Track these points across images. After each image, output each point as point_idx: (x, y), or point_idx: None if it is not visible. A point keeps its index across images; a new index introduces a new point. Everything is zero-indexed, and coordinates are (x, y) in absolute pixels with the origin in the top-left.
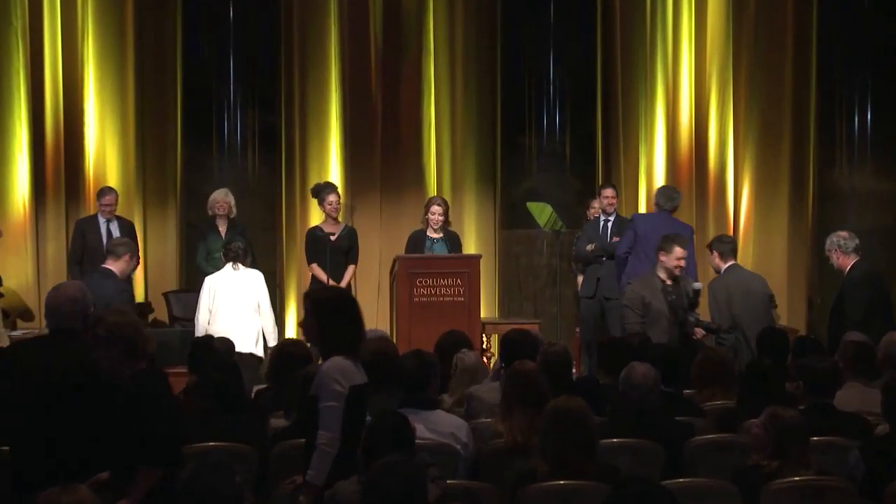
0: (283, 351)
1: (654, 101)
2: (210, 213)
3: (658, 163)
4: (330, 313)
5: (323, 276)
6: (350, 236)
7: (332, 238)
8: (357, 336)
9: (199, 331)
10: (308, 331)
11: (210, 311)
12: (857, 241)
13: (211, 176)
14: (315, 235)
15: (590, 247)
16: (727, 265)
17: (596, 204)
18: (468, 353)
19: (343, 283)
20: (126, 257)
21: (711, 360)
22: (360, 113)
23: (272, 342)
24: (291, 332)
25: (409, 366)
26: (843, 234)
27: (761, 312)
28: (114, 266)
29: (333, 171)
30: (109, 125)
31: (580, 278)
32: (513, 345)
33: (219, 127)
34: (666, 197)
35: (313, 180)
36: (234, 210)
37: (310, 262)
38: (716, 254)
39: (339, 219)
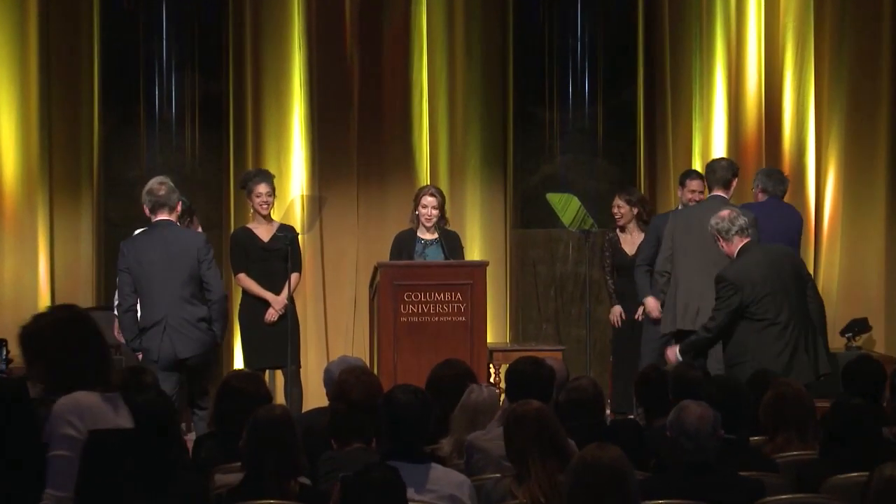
0: (230, 387)
1: (713, 62)
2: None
3: (717, 142)
4: (55, 339)
5: (255, 287)
6: (288, 238)
7: (264, 241)
8: (101, 362)
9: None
10: (33, 373)
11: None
12: None
13: (137, 159)
14: (238, 239)
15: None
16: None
17: (621, 202)
18: (482, 389)
19: (282, 296)
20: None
21: (786, 397)
22: (331, 78)
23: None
24: (238, 361)
25: (395, 406)
26: None
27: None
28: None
29: (296, 152)
30: (3, 91)
31: (616, 308)
32: (519, 378)
33: (147, 96)
34: (775, 180)
35: (270, 165)
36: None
37: (237, 272)
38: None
39: (278, 216)
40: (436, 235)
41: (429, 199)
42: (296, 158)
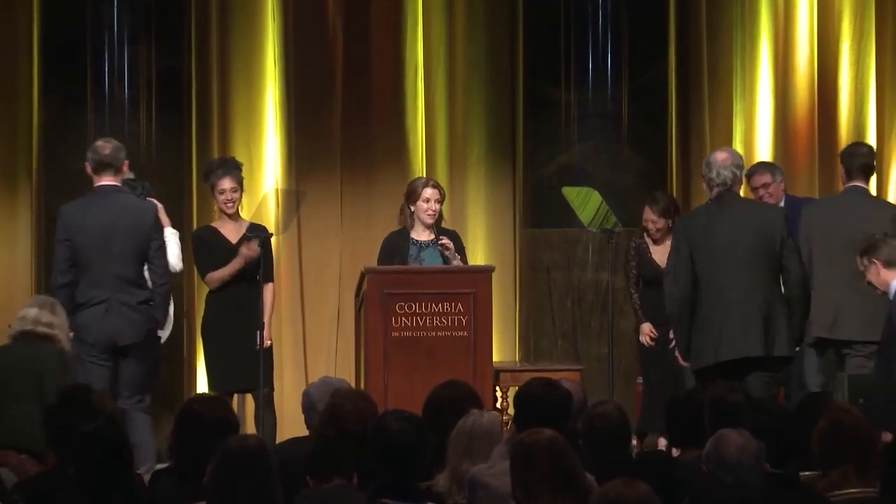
0: (193, 412)
1: (756, 33)
2: None
3: (762, 127)
4: None
5: (227, 269)
6: (259, 240)
7: (231, 243)
8: None
9: None
10: None
11: None
12: None
13: (83, 147)
14: (203, 239)
15: None
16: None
17: (654, 216)
18: (482, 414)
19: (266, 315)
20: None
21: (843, 425)
22: (311, 52)
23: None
24: (202, 384)
25: (387, 436)
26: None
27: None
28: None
29: (269, 139)
30: None
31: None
32: (529, 403)
33: (96, 73)
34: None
35: (239, 153)
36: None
37: (204, 274)
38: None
39: (243, 214)
40: (432, 236)
41: (431, 192)
42: (269, 146)
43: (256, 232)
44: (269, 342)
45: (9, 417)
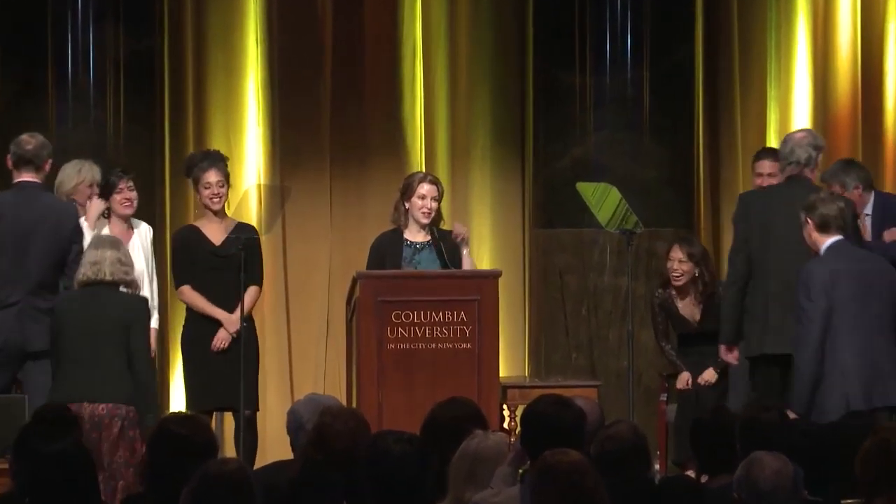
0: (167, 432)
1: (793, 11)
2: (64, 199)
3: (799, 114)
4: None
5: (202, 303)
6: (245, 240)
7: (215, 244)
8: None
9: None
10: None
11: None
12: None
13: (46, 137)
14: (184, 241)
15: None
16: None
17: (682, 255)
18: (487, 435)
19: (237, 314)
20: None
21: (890, 447)
22: (297, 31)
23: None
24: (178, 398)
25: (385, 460)
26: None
27: None
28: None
29: (251, 129)
30: None
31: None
32: (537, 423)
33: (57, 55)
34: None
35: (217, 144)
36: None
37: (179, 285)
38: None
39: (228, 212)
40: (429, 237)
41: (428, 188)
42: (250, 137)
43: (242, 232)
44: (226, 343)
45: (95, 371)
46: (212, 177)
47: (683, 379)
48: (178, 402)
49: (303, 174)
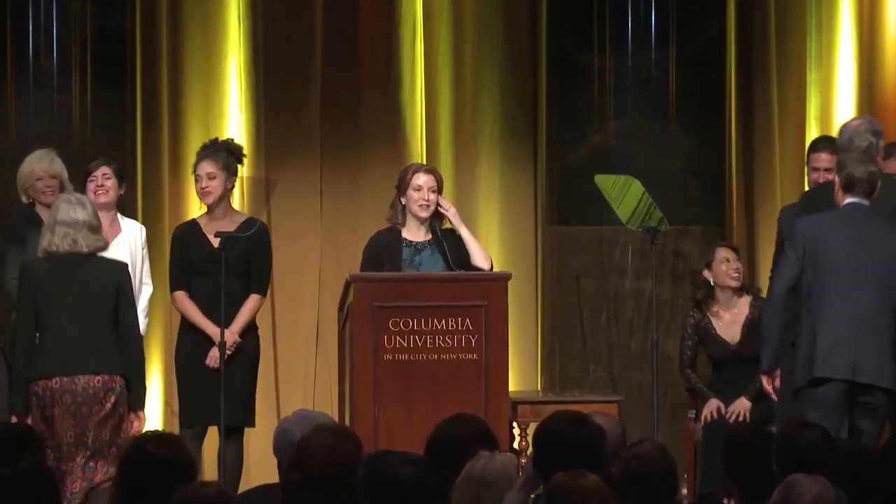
0: (142, 452)
1: None
2: (25, 198)
3: (842, 100)
4: None
5: (194, 314)
6: (249, 239)
7: (213, 245)
8: None
9: None
10: None
11: None
12: None
13: (5, 126)
14: (182, 240)
15: None
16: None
17: (729, 255)
18: (494, 456)
19: (236, 327)
20: None
21: None
22: (284, 6)
23: None
24: (154, 417)
25: (393, 484)
26: None
27: None
28: None
29: (232, 116)
30: None
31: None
32: (551, 442)
33: (18, 35)
34: None
35: (195, 134)
36: (70, 187)
37: (173, 290)
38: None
39: (237, 206)
40: (430, 236)
41: (424, 178)
42: (231, 125)
43: (246, 230)
44: (215, 364)
45: (85, 343)
46: (201, 168)
47: (712, 406)
48: (153, 419)
49: (290, 166)
